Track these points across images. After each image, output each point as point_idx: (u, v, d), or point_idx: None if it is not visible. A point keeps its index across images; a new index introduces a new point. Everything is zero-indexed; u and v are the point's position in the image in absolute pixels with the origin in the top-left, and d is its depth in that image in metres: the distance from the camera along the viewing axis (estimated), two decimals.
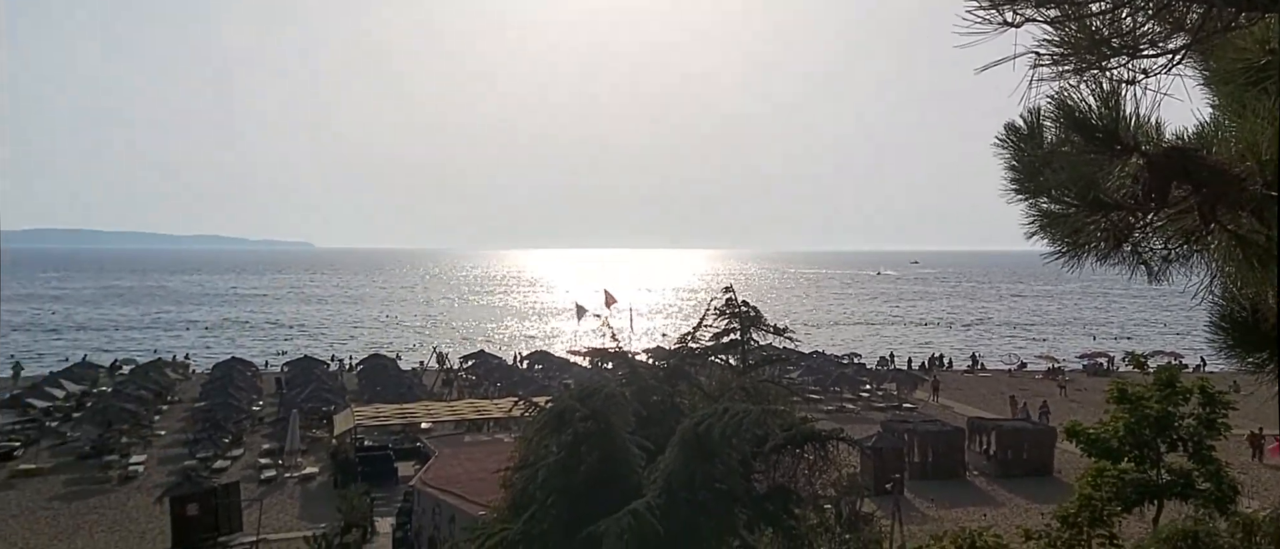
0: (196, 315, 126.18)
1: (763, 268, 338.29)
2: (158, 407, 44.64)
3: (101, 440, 35.27)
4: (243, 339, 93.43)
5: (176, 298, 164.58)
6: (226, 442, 36.01)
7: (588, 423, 11.41)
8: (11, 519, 26.21)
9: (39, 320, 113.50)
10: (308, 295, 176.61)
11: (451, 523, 19.57)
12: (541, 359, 61.31)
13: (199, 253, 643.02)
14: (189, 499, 24.28)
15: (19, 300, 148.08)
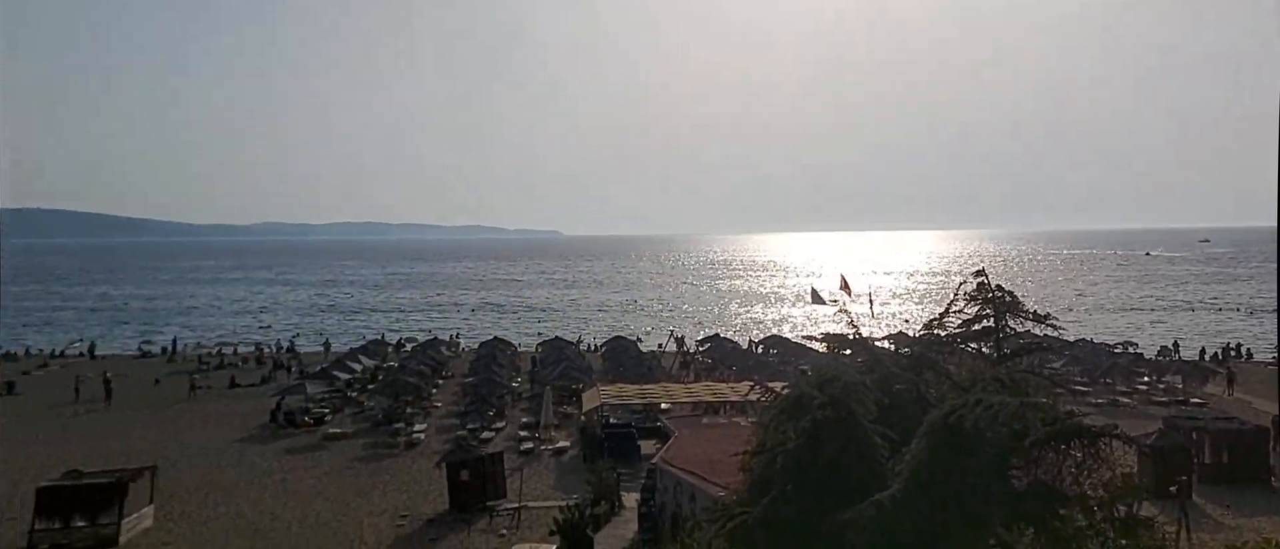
0: (462, 298, 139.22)
1: (1015, 248, 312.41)
2: (435, 381, 49.85)
3: (390, 410, 40.13)
4: (501, 320, 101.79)
5: (446, 282, 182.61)
6: (491, 414, 39.58)
7: (827, 410, 11.23)
8: (325, 475, 30.63)
9: (340, 304, 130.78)
10: (556, 280, 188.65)
11: (692, 501, 20.15)
12: (776, 344, 61.05)
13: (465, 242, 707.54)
14: (462, 465, 26.99)
15: (324, 285, 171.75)
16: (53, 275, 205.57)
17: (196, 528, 24.54)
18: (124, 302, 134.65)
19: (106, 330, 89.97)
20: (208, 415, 42.10)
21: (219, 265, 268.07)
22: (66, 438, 37.12)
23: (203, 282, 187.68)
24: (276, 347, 70.22)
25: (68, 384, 49.02)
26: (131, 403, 45.55)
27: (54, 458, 32.81)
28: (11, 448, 34.94)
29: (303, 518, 25.57)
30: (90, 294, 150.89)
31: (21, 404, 45.22)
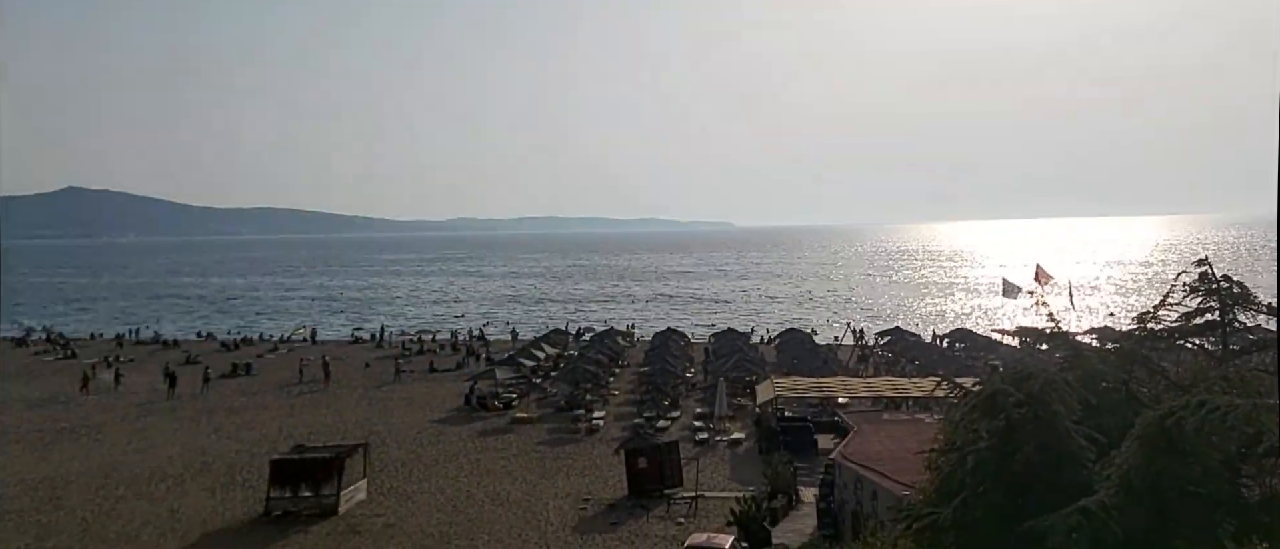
0: (636, 290, 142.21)
1: (1241, 234, 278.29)
2: (612, 370, 51.33)
3: (572, 396, 41.79)
4: (674, 312, 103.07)
5: (620, 274, 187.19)
6: (665, 404, 40.28)
7: (1023, 409, 10.61)
8: (513, 457, 32.41)
9: (524, 294, 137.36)
10: (728, 272, 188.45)
11: (874, 499, 19.61)
12: (963, 338, 57.98)
13: (638, 234, 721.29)
14: (640, 453, 27.69)
15: (510, 277, 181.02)
16: (280, 268, 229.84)
17: (403, 502, 26.69)
18: (339, 292, 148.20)
19: (324, 318, 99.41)
20: (410, 397, 45.61)
21: (418, 258, 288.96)
22: (293, 414, 41.45)
23: (404, 274, 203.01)
24: (468, 334, 74.83)
25: (293, 366, 54.72)
26: (346, 384, 50.16)
27: (284, 432, 36.78)
28: (250, 422, 39.51)
29: (494, 496, 27.19)
30: (310, 285, 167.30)
31: (256, 384, 50.94)
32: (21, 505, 26.36)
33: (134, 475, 29.83)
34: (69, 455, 33.25)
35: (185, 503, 26.58)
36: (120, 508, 26.06)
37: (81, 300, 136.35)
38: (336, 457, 26.35)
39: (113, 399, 45.79)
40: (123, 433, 37.41)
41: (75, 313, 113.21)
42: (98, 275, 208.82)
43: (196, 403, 44.48)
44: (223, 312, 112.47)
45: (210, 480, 29.17)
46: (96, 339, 76.29)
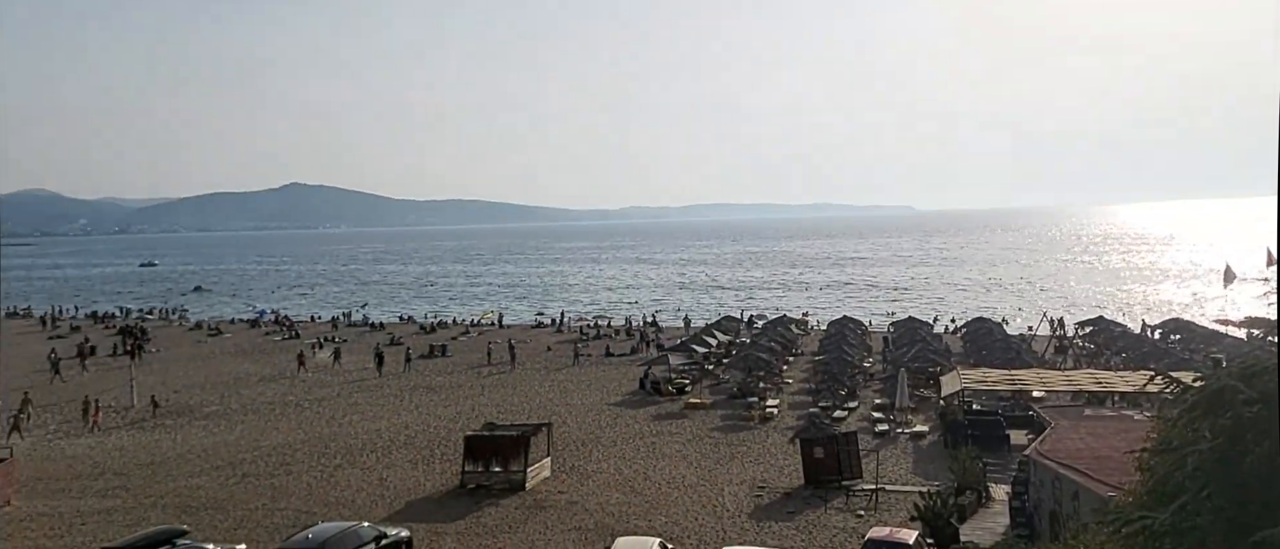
0: (810, 277, 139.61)
1: None
2: (785, 358, 50.81)
3: (745, 384, 41.78)
4: (849, 299, 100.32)
5: (793, 260, 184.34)
6: (842, 393, 39.41)
7: (1254, 407, 9.57)
8: (687, 442, 32.90)
9: (694, 281, 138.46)
10: (907, 258, 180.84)
11: (1075, 500, 18.32)
12: (1178, 328, 52.67)
13: (812, 220, 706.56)
14: (816, 443, 27.31)
15: (680, 264, 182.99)
16: (469, 256, 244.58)
17: (584, 480, 27.81)
18: (521, 278, 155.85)
19: (509, 303, 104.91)
20: (589, 380, 47.32)
21: (594, 247, 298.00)
22: (483, 394, 44.15)
23: (580, 261, 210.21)
24: (642, 320, 76.49)
25: (483, 349, 58.23)
26: (530, 366, 52.76)
27: (475, 410, 39.28)
28: (445, 400, 42.49)
29: (670, 479, 27.75)
30: (495, 272, 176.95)
31: (451, 364, 54.65)
32: (259, 469, 29.78)
33: (348, 446, 32.90)
34: (294, 426, 37.17)
35: (392, 473, 29.02)
36: (338, 475, 28.85)
37: (301, 285, 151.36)
38: (523, 435, 27.82)
39: (330, 376, 50.64)
40: (338, 407, 41.33)
41: (296, 297, 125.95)
42: (314, 263, 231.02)
43: (400, 381, 48.35)
44: (420, 296, 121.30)
45: (412, 453, 31.66)
46: (315, 321, 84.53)
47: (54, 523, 24.10)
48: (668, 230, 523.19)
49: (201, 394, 45.17)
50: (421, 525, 22.98)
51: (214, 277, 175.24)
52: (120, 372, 51.28)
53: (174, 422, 38.47)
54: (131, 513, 24.93)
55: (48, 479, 28.56)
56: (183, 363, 57.34)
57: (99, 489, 27.53)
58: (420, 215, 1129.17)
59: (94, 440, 35.00)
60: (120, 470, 29.83)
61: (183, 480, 28.35)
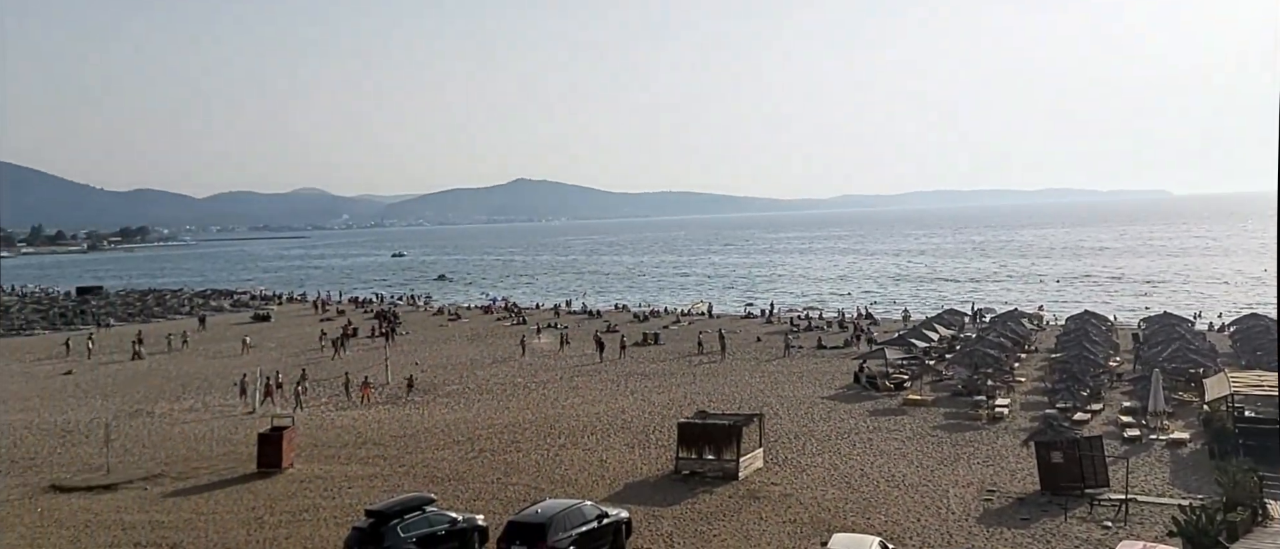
0: (1045, 268, 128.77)
1: None
2: (1016, 354, 47.28)
3: (970, 381, 39.36)
4: (1093, 293, 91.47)
5: (1025, 251, 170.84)
6: (1084, 395, 36.03)
7: None
8: (907, 439, 31.55)
9: (912, 272, 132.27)
10: (1161, 248, 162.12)
11: None
12: None
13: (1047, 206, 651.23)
14: (1053, 447, 25.19)
15: (897, 254, 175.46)
16: (679, 247, 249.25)
17: (797, 474, 27.49)
18: (730, 269, 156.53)
19: (718, 294, 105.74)
20: (800, 372, 46.66)
21: (804, 236, 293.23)
22: (694, 382, 44.86)
23: (790, 251, 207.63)
24: (856, 312, 74.24)
25: (694, 338, 59.14)
26: (740, 356, 52.91)
27: (687, 398, 40.01)
28: (659, 386, 43.64)
29: (889, 477, 26.75)
30: (704, 262, 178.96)
31: (663, 352, 56.02)
32: (492, 445, 32.18)
33: (571, 427, 34.70)
34: (522, 406, 39.77)
35: (610, 455, 30.26)
36: (562, 454, 30.52)
37: (526, 274, 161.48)
38: (735, 425, 27.94)
39: (553, 360, 53.65)
40: (560, 390, 43.71)
41: (522, 285, 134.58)
42: (537, 254, 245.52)
43: (616, 367, 50.27)
44: (633, 286, 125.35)
45: (629, 437, 32.82)
46: (539, 308, 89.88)
47: (326, 484, 27.43)
48: (883, 220, 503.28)
49: (443, 374, 49.46)
50: (639, 507, 23.77)
51: (452, 266, 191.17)
52: (376, 351, 57.33)
53: (421, 398, 42.46)
54: (388, 480, 27.83)
55: (321, 445, 32.54)
56: (427, 345, 63.08)
57: (361, 457, 30.97)
58: (634, 207, 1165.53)
59: (357, 413, 39.43)
60: (378, 441, 33.38)
61: (429, 453, 31.23)
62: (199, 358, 59.49)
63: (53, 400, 44.32)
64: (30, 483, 28.10)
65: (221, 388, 46.30)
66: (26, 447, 33.46)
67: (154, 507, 25.37)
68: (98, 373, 53.85)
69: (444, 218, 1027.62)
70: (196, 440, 34.16)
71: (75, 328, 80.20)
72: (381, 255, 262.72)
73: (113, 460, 29.81)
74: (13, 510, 25.16)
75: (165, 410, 40.87)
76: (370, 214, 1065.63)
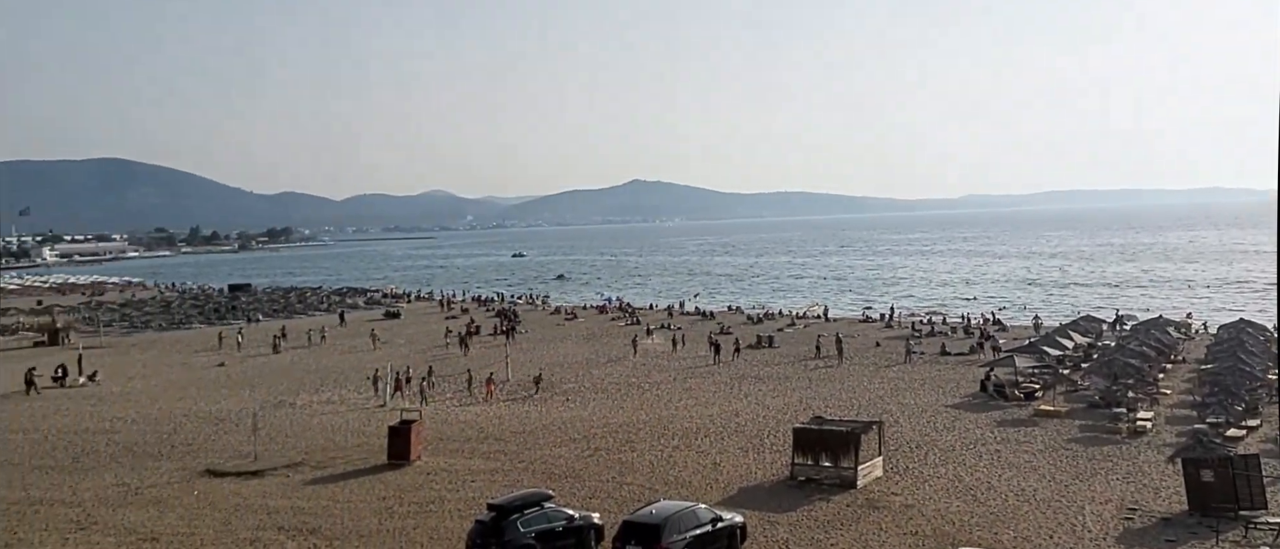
0: (1193, 273, 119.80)
1: None
2: (1161, 365, 44.24)
3: (1108, 392, 37.04)
4: (1250, 300, 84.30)
5: (1171, 254, 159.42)
6: (1239, 409, 33.28)
7: None
8: (1038, 452, 29.99)
9: (1044, 276, 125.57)
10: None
11: None
12: None
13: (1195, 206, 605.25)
14: (1204, 464, 23.41)
15: (1028, 257, 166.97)
16: (793, 248, 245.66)
17: (918, 484, 26.62)
18: (847, 271, 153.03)
19: (834, 297, 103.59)
20: (922, 379, 45.14)
21: (926, 238, 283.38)
22: (810, 387, 44.14)
23: (911, 253, 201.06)
24: (982, 318, 71.17)
25: (809, 341, 58.20)
26: (857, 361, 51.68)
27: (803, 403, 39.41)
28: (773, 390, 43.19)
29: (1018, 491, 25.54)
30: (820, 264, 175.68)
31: (777, 355, 55.41)
32: (607, 444, 32.68)
33: (684, 429, 34.82)
34: (636, 406, 40.20)
35: (724, 458, 30.17)
36: (675, 456, 30.67)
37: (640, 275, 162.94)
38: (853, 431, 27.32)
39: (666, 361, 53.97)
40: (674, 391, 43.92)
41: (636, 285, 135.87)
42: (651, 254, 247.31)
43: (730, 369, 50.07)
44: (746, 288, 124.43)
45: (742, 441, 32.63)
46: (653, 309, 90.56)
47: (451, 477, 28.57)
48: (1013, 220, 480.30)
49: (560, 372, 50.61)
50: (754, 512, 23.60)
51: (568, 266, 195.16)
52: (497, 349, 59.22)
53: (539, 396, 43.59)
54: (508, 475, 28.73)
55: (445, 439, 33.91)
56: (545, 343, 64.66)
57: (483, 451, 32.08)
58: (748, 208, 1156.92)
59: (479, 408, 40.87)
60: (499, 436, 34.49)
61: (547, 450, 32.03)
62: (335, 353, 63.07)
63: (207, 390, 48.02)
64: (189, 467, 30.55)
65: (355, 382, 48.94)
66: (185, 433, 36.38)
67: (295, 493, 27.11)
68: (246, 365, 57.96)
69: (562, 219, 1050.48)
70: (333, 431, 36.25)
71: (227, 322, 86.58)
72: (502, 255, 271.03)
73: (259, 448, 32.01)
74: (174, 491, 27.44)
75: (305, 402, 43.57)
76: (493, 215, 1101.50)
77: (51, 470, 30.47)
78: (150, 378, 53.47)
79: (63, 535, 23.28)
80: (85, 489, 27.86)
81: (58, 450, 33.59)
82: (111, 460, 31.75)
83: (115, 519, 24.62)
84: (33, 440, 35.67)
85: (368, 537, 22.82)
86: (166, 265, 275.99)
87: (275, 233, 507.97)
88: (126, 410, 42.11)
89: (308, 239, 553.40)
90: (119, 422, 39.24)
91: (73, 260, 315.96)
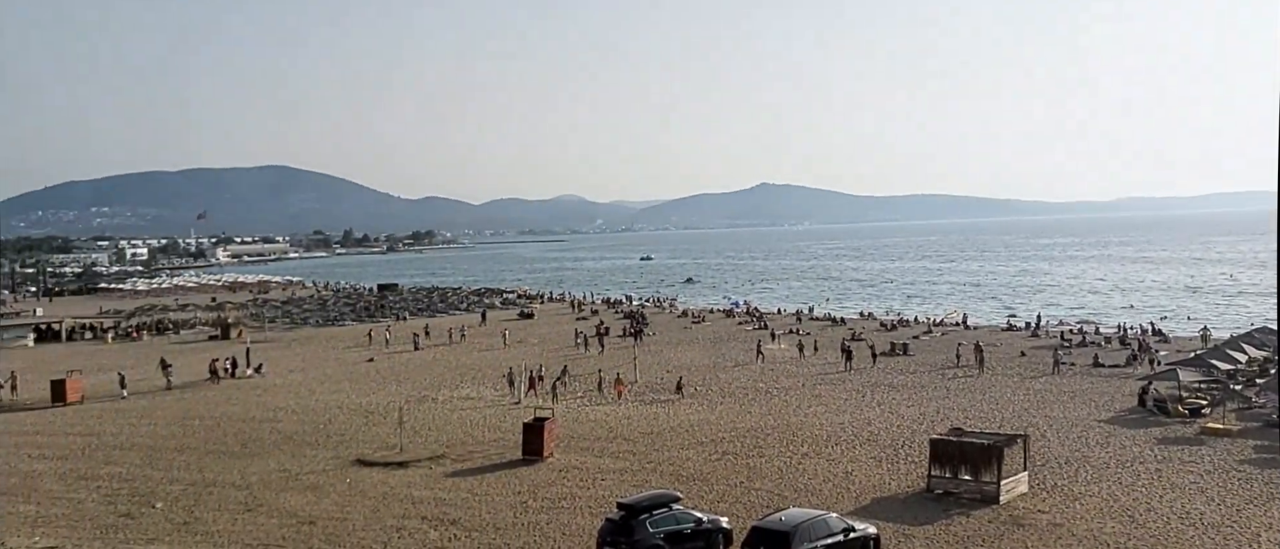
0: None
1: None
2: None
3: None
4: None
5: None
6: None
7: None
8: (1205, 474, 27.63)
9: (1212, 284, 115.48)
10: None
11: None
12: None
13: None
14: None
15: (1193, 263, 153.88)
16: (930, 253, 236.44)
17: (1068, 502, 25.09)
18: (988, 277, 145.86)
19: (974, 304, 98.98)
20: (1071, 391, 42.49)
21: (1075, 242, 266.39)
22: (948, 397, 42.38)
23: (1059, 259, 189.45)
24: (1140, 328, 66.26)
25: (946, 349, 55.94)
26: (999, 372, 49.20)
27: (940, 413, 37.92)
28: (908, 399, 41.76)
29: (1182, 514, 23.64)
30: (959, 270, 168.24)
31: (913, 363, 53.51)
32: (735, 449, 32.55)
33: (814, 436, 34.23)
34: (764, 411, 39.82)
35: (856, 468, 29.45)
36: (805, 464, 30.19)
37: (768, 279, 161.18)
38: (996, 444, 26.07)
39: (796, 367, 53.18)
40: (803, 397, 43.23)
41: (764, 290, 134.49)
42: (779, 258, 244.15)
43: (861, 377, 48.78)
44: (878, 293, 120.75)
45: (875, 450, 31.74)
46: (781, 313, 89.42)
47: (581, 475, 29.25)
48: (1173, 224, 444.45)
49: (687, 375, 50.79)
50: (888, 525, 22.94)
51: (696, 269, 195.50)
52: (626, 350, 60.09)
53: (666, 398, 43.92)
54: (637, 475, 29.13)
55: (577, 438, 34.74)
56: (672, 346, 65.08)
57: (613, 451, 32.66)
58: (884, 212, 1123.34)
59: (609, 409, 41.61)
60: (628, 437, 35.02)
61: (675, 452, 32.25)
62: (474, 350, 65.78)
63: (358, 384, 51.14)
64: (341, 456, 32.67)
65: (491, 379, 50.86)
66: (339, 424, 38.92)
67: (437, 485, 28.50)
68: (392, 361, 61.34)
69: (689, 222, 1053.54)
70: (471, 426, 37.84)
71: (376, 320, 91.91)
72: (631, 258, 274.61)
73: (404, 440, 33.83)
74: (328, 478, 29.42)
75: (445, 397, 45.68)
76: (622, 218, 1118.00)
77: (223, 455, 33.31)
78: (308, 371, 57.50)
79: (233, 516, 25.42)
80: (252, 473, 30.30)
81: (228, 437, 36.68)
82: (274, 447, 34.37)
83: (278, 502, 26.66)
84: (207, 426, 39.11)
85: (504, 529, 23.70)
86: (323, 265, 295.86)
87: (419, 235, 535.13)
88: (287, 401, 45.48)
89: (449, 241, 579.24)
90: (281, 411, 42.42)
91: (242, 260, 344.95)
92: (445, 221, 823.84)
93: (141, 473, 30.75)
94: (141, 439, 36.65)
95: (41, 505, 27.02)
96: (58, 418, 42.35)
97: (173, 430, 38.35)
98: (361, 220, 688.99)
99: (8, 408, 45.62)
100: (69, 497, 27.99)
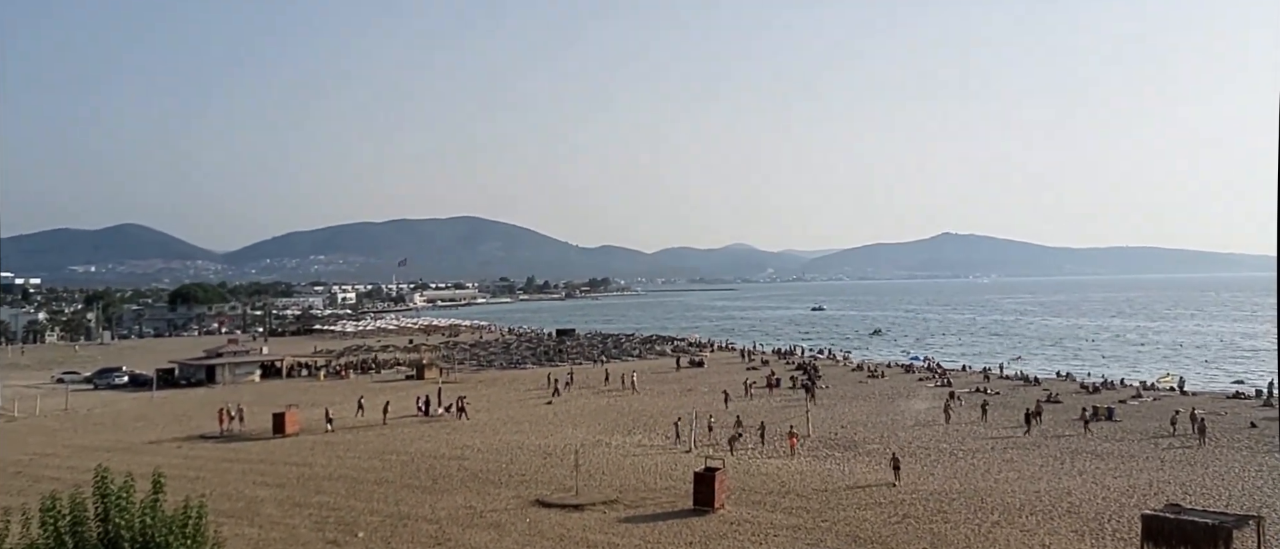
0: None
1: None
2: None
3: None
4: None
5: None
6: None
7: None
8: None
9: None
10: None
11: None
12: None
13: None
14: None
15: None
16: (1138, 309, 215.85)
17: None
18: (1211, 338, 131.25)
19: (1193, 368, 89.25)
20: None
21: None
22: (1162, 469, 38.27)
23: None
24: None
25: (1158, 416, 50.62)
26: (1225, 444, 43.93)
27: (1152, 486, 34.32)
28: (1114, 469, 38.11)
29: None
30: (1175, 328, 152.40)
31: (1119, 429, 48.82)
32: (917, 512, 30.93)
33: (1005, 503, 31.92)
34: (949, 473, 37.61)
35: (1054, 540, 27.16)
36: (995, 532, 28.20)
37: (948, 334, 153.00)
38: (1222, 524, 23.30)
39: (980, 428, 50.00)
40: (991, 461, 40.47)
41: (945, 344, 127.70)
42: (959, 311, 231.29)
43: (1058, 444, 45.09)
44: (1073, 354, 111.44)
45: (1077, 523, 29.15)
46: (966, 371, 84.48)
47: (753, 529, 28.82)
48: None
49: (863, 431, 49.01)
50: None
51: (872, 322, 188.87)
52: (798, 404, 58.88)
53: (840, 454, 42.52)
54: (810, 533, 28.32)
55: (748, 490, 34.31)
56: (846, 401, 63.05)
57: (785, 506, 31.97)
58: (1079, 264, 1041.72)
59: (780, 462, 40.85)
60: (800, 492, 34.17)
61: (851, 511, 31.10)
62: (645, 397, 66.77)
63: (538, 426, 53.21)
64: (522, 496, 34.03)
65: (662, 426, 51.37)
66: (520, 464, 40.61)
67: (611, 529, 29.02)
68: (569, 405, 63.38)
69: (862, 273, 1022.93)
70: (643, 472, 38.33)
71: (555, 364, 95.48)
72: (801, 308, 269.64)
73: (580, 483, 34.77)
74: (510, 517, 30.71)
75: (619, 442, 46.57)
76: (792, 268, 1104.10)
77: (416, 490, 35.61)
78: (493, 411, 60.52)
79: None
80: (441, 508, 32.18)
81: (421, 472, 39.19)
82: (462, 484, 36.35)
83: (464, 538, 28.11)
84: (403, 461, 41.99)
85: None
86: (507, 310, 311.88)
87: (596, 283, 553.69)
88: (473, 439, 48.04)
89: (623, 289, 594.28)
90: (468, 449, 44.86)
91: (436, 305, 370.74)
92: (620, 269, 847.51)
93: (346, 502, 33.44)
94: (346, 471, 39.89)
95: (262, 528, 29.98)
96: (277, 448, 46.94)
97: (372, 464, 41.48)
98: (542, 267, 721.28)
99: (237, 438, 51.10)
100: (285, 522, 30.87)
